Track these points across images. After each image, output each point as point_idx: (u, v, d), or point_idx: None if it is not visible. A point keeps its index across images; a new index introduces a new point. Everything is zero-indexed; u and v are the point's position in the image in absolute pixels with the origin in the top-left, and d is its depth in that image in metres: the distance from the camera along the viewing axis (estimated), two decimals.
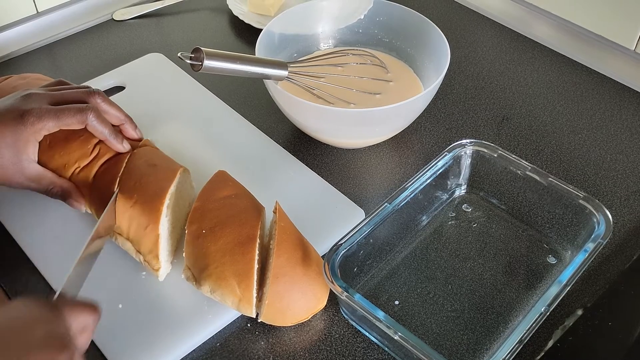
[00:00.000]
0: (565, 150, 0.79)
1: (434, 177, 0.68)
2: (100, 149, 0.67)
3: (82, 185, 0.66)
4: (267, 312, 0.59)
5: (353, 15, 0.87)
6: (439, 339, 0.61)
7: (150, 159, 0.67)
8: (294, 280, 0.59)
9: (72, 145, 0.66)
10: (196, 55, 0.67)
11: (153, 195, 0.63)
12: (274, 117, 0.83)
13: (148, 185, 0.63)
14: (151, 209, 0.62)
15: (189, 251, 0.61)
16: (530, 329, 0.54)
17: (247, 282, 0.58)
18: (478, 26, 1.00)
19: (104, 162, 0.66)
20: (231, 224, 0.60)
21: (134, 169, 0.65)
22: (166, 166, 0.66)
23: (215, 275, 0.59)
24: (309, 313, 0.61)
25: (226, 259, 0.59)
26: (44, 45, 0.97)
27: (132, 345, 0.59)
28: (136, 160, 0.66)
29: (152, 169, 0.65)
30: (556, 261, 0.67)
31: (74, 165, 0.66)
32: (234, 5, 1.01)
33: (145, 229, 0.62)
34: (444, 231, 0.70)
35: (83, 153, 0.66)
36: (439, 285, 0.65)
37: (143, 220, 0.62)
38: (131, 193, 0.63)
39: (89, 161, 0.66)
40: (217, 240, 0.60)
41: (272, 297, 0.58)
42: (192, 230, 0.61)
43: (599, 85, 0.89)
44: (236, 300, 0.59)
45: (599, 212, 0.63)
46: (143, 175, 0.64)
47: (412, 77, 0.83)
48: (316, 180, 0.74)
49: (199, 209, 0.62)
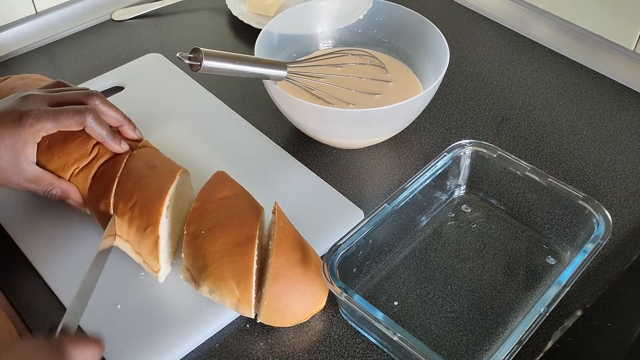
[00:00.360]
0: (565, 150, 0.79)
1: (433, 178, 0.68)
2: (99, 150, 0.66)
3: (81, 185, 0.66)
4: (266, 313, 0.59)
5: (352, 15, 0.87)
6: (438, 340, 0.61)
7: (150, 160, 0.67)
8: (293, 280, 0.59)
9: (71, 145, 0.66)
10: (195, 56, 0.67)
11: (153, 197, 0.62)
12: (273, 117, 0.83)
13: (147, 186, 0.63)
14: (151, 211, 0.62)
15: (187, 252, 0.61)
16: (530, 329, 0.54)
17: (246, 283, 0.58)
18: (477, 26, 1.00)
19: (103, 163, 0.66)
20: (230, 224, 0.60)
21: (133, 170, 0.65)
22: (166, 167, 0.66)
23: (214, 276, 0.59)
24: (308, 314, 0.61)
25: (225, 259, 0.59)
26: (43, 45, 0.97)
27: (130, 346, 0.59)
28: (135, 162, 0.66)
29: (152, 171, 0.65)
30: (555, 262, 0.67)
31: (73, 165, 0.66)
32: (233, 5, 1.01)
33: (145, 231, 0.62)
34: (443, 232, 0.70)
35: (82, 154, 0.66)
36: (438, 285, 0.65)
37: (143, 221, 0.62)
38: (130, 194, 0.63)
39: (87, 162, 0.66)
40: (216, 241, 0.60)
41: (271, 297, 0.58)
42: (190, 231, 0.61)
43: (598, 86, 0.89)
44: (235, 301, 0.59)
45: (599, 212, 0.63)
46: (142, 176, 0.64)
47: (411, 77, 0.83)
48: (315, 180, 0.74)
49: (197, 210, 0.62)
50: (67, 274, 0.65)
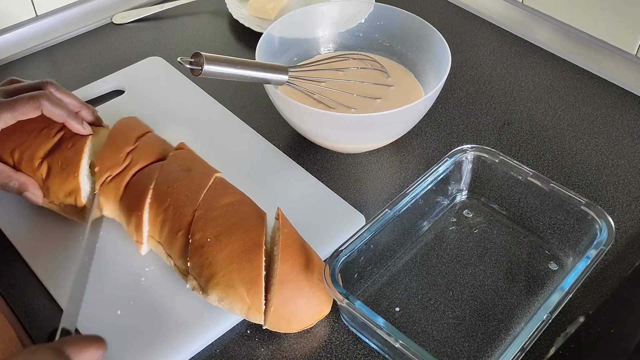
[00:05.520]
0: (567, 155, 0.79)
1: (435, 183, 0.68)
2: (133, 158, 0.67)
3: (113, 193, 0.66)
4: (273, 319, 0.59)
5: (354, 19, 0.87)
6: (440, 346, 0.60)
7: (185, 163, 0.66)
8: (299, 286, 0.59)
9: (105, 152, 0.67)
10: (196, 60, 0.67)
11: (185, 201, 0.62)
12: (274, 121, 0.83)
13: (182, 190, 0.63)
14: (183, 214, 0.62)
15: (194, 261, 0.60)
16: (533, 336, 0.54)
17: (256, 289, 0.58)
18: (479, 30, 1.00)
19: (137, 172, 0.66)
20: (236, 231, 0.60)
21: (168, 173, 0.65)
22: (201, 171, 0.66)
23: (222, 284, 0.58)
24: (314, 319, 0.61)
25: (233, 266, 0.58)
26: (43, 48, 0.97)
27: (131, 351, 0.59)
28: (171, 165, 0.66)
29: (187, 174, 0.65)
30: (558, 267, 0.66)
31: (105, 173, 0.66)
32: (234, 8, 1.01)
33: (176, 234, 0.62)
34: (445, 237, 0.70)
35: (115, 161, 0.66)
36: (440, 291, 0.64)
37: (175, 224, 0.62)
38: (165, 197, 0.63)
39: (120, 170, 0.66)
40: (223, 248, 0.59)
41: (278, 303, 0.58)
42: (196, 240, 0.60)
43: (600, 90, 0.89)
44: (245, 308, 0.58)
45: (601, 218, 0.63)
46: (177, 179, 0.64)
47: (412, 81, 0.83)
48: (316, 185, 0.74)
49: (201, 218, 0.61)
50: (66, 279, 0.64)
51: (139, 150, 0.68)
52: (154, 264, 0.66)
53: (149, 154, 0.68)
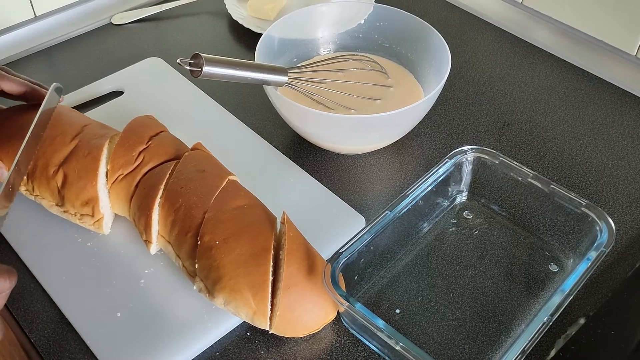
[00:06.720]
0: (567, 156, 0.79)
1: (435, 184, 0.68)
2: (145, 157, 0.66)
3: (124, 191, 0.66)
4: (279, 324, 0.58)
5: (353, 20, 0.87)
6: (441, 349, 0.60)
7: (199, 164, 0.66)
8: (305, 289, 0.59)
9: (118, 151, 0.66)
10: (195, 62, 0.66)
11: (197, 202, 0.62)
12: (273, 122, 0.82)
13: (194, 191, 0.63)
14: (193, 216, 0.61)
15: (202, 263, 0.60)
16: (533, 339, 0.54)
17: (262, 294, 0.57)
18: (479, 31, 1.00)
19: (148, 171, 0.66)
20: (245, 234, 0.60)
21: (182, 173, 0.65)
22: (214, 173, 0.66)
23: (229, 287, 0.58)
24: (320, 324, 0.60)
25: (240, 270, 0.58)
26: (42, 49, 0.96)
27: (130, 354, 0.59)
28: (186, 165, 0.66)
29: (200, 175, 0.65)
30: (558, 269, 0.66)
31: (117, 171, 0.66)
32: (233, 9, 1.01)
33: (186, 235, 0.61)
34: (445, 238, 0.69)
35: (127, 160, 0.66)
36: (440, 293, 0.64)
37: (185, 226, 0.62)
38: (177, 197, 0.63)
39: (132, 169, 0.66)
40: (231, 251, 0.59)
41: (284, 307, 0.58)
42: (204, 242, 0.60)
43: (600, 91, 0.88)
44: (250, 313, 0.58)
45: (602, 220, 0.63)
46: (190, 180, 0.64)
47: (412, 82, 0.83)
48: (316, 186, 0.74)
49: (211, 220, 0.61)
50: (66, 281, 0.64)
51: (152, 150, 0.68)
52: (153, 266, 0.66)
53: (161, 153, 0.68)
